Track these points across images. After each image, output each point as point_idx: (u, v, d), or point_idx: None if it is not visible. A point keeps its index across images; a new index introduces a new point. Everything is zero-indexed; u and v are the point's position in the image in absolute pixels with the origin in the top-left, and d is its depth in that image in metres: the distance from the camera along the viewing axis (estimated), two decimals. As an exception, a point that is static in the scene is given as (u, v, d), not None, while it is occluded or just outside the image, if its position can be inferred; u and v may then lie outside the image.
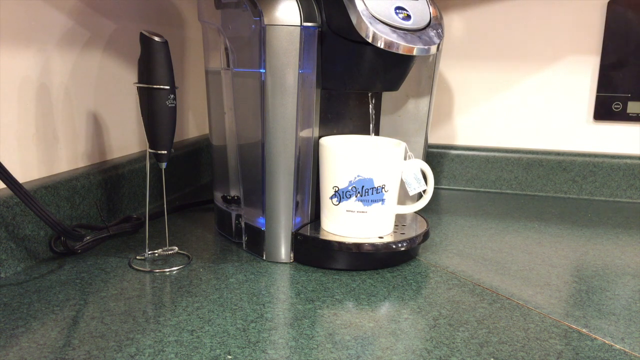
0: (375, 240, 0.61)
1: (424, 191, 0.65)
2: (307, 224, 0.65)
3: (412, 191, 0.64)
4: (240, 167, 0.65)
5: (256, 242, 0.64)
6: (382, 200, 0.61)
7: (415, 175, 0.64)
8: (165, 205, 0.64)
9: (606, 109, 0.94)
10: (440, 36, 0.61)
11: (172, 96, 0.57)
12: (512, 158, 0.98)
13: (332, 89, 0.64)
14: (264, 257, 0.63)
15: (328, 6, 0.58)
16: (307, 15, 0.57)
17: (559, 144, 0.98)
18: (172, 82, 0.57)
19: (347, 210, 0.61)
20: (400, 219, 0.69)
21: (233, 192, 0.69)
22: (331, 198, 0.62)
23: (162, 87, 0.56)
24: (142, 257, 0.63)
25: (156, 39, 0.55)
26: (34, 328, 0.46)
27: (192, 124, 1.00)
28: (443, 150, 1.01)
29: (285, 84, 0.58)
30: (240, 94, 0.63)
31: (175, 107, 0.58)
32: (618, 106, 0.93)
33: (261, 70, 0.58)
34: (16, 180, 0.52)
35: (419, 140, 0.74)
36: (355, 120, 0.71)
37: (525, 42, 0.96)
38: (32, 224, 0.58)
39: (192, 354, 0.43)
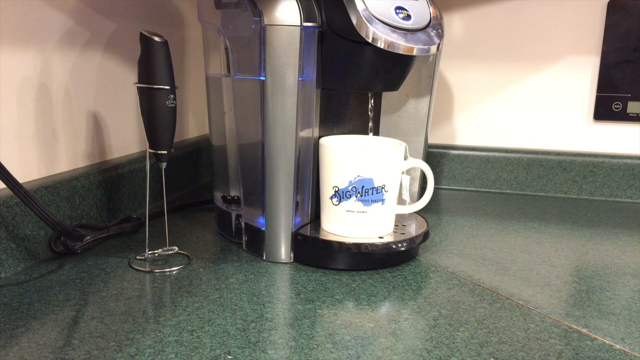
0: (375, 240, 0.61)
1: (408, 202, 0.66)
2: (307, 224, 0.65)
3: (402, 195, 0.65)
4: (240, 167, 0.65)
5: (256, 242, 0.64)
6: (382, 200, 0.61)
7: (407, 185, 0.64)
8: (165, 205, 0.64)
9: (606, 109, 0.94)
10: (440, 36, 0.61)
11: (172, 96, 0.57)
12: (512, 158, 0.98)
13: (332, 89, 0.64)
14: (264, 257, 0.63)
15: (328, 6, 0.58)
16: (307, 15, 0.57)
17: (559, 144, 0.98)
18: (172, 82, 0.57)
19: (347, 210, 0.61)
20: (400, 219, 0.69)
21: (233, 192, 0.69)
22: (331, 198, 0.62)
23: (162, 87, 0.56)
24: (142, 257, 0.63)
25: (156, 39, 0.55)
26: (34, 328, 0.46)
27: (192, 124, 1.00)
28: (443, 150, 1.01)
29: (285, 84, 0.58)
30: (240, 94, 0.63)
31: (175, 107, 0.58)
32: (618, 106, 0.93)
33: (261, 78, 0.58)
34: (16, 180, 0.52)
35: (418, 140, 0.74)
36: (355, 120, 0.71)
37: (525, 42, 0.96)
38: (32, 224, 0.58)
39: (192, 354, 0.43)
